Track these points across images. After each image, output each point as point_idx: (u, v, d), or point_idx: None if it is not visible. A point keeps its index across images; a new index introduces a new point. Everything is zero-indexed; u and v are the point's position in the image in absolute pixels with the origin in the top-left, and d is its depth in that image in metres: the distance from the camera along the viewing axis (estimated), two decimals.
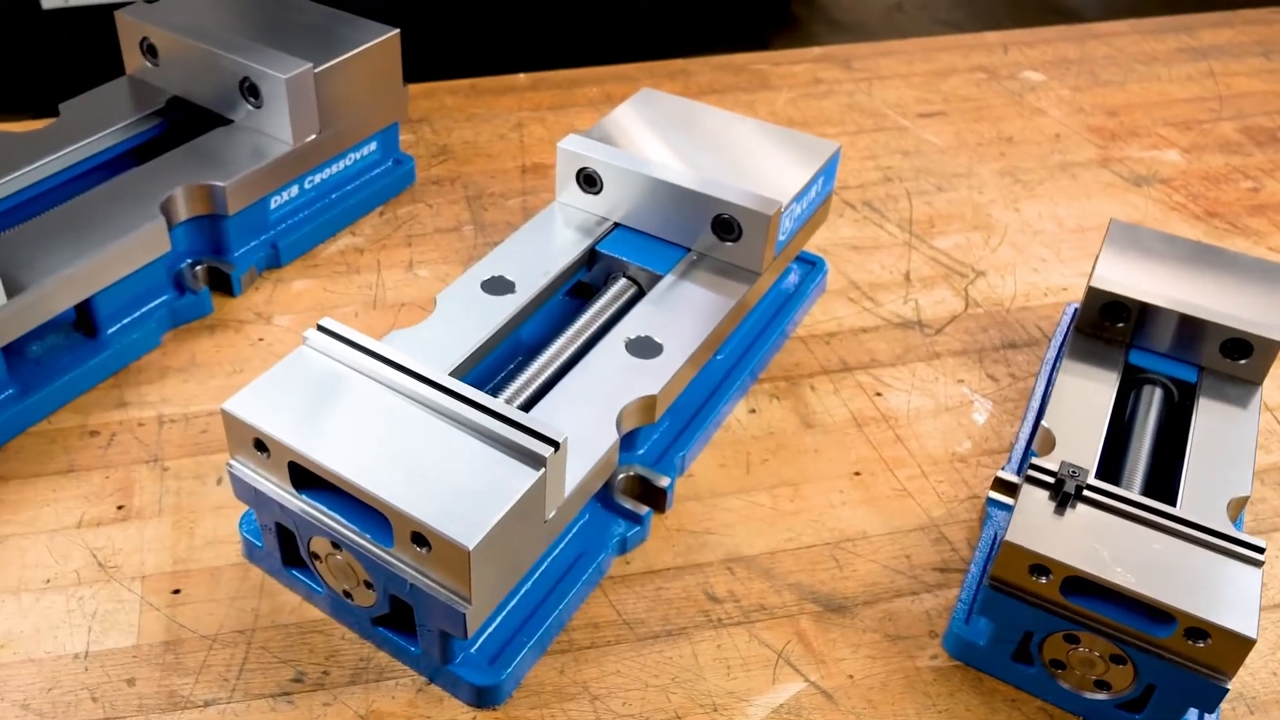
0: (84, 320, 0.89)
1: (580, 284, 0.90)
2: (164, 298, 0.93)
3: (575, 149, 0.88)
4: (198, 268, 0.95)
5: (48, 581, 0.74)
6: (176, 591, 0.73)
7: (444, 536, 0.60)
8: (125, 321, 0.90)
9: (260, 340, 0.92)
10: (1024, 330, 0.95)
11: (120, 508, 0.79)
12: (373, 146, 1.06)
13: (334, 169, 1.03)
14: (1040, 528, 0.66)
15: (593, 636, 0.72)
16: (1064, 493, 0.68)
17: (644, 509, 0.77)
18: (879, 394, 0.89)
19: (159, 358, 0.91)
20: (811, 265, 0.98)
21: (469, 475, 0.63)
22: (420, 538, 0.61)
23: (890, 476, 0.83)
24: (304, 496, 0.67)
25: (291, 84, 0.94)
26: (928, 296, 0.99)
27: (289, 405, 0.67)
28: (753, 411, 0.87)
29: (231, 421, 0.67)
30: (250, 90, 0.96)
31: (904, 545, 0.78)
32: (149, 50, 1.02)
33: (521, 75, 1.25)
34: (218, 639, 0.71)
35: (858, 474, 0.83)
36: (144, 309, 0.91)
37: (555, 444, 0.64)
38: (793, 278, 0.97)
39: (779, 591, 0.75)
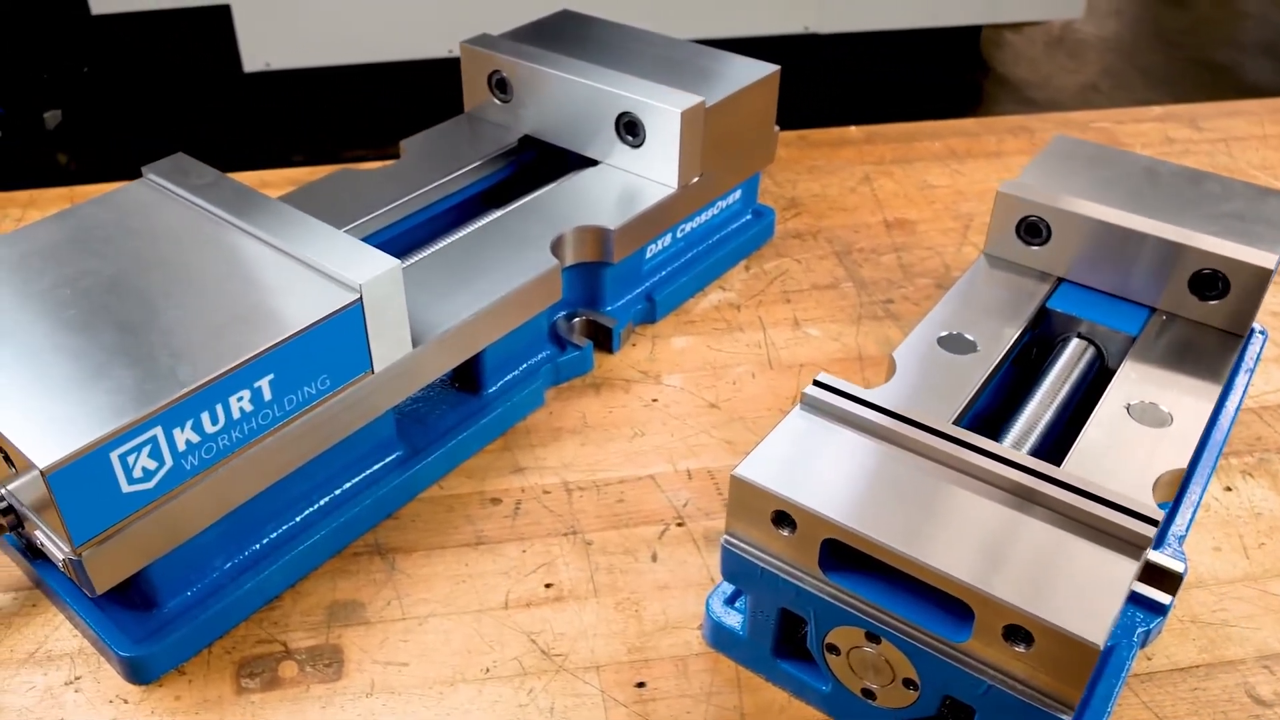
0: (465, 375, 0.81)
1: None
2: (545, 352, 0.84)
3: (1021, 195, 0.79)
4: (575, 320, 0.86)
5: (487, 671, 0.65)
6: (641, 685, 0.64)
7: (1064, 632, 0.50)
8: (508, 377, 0.82)
9: (654, 401, 0.83)
10: None
11: (549, 586, 0.70)
12: (737, 195, 0.97)
13: (702, 218, 0.94)
14: None
15: None
16: None
17: (1167, 597, 0.67)
18: None
19: (546, 418, 0.82)
20: (1251, 330, 0.88)
21: (1063, 560, 0.54)
22: (1019, 632, 0.52)
23: None
24: (833, 579, 0.57)
25: (685, 120, 0.85)
26: None
27: (811, 472, 0.59)
28: (1229, 489, 0.77)
29: (747, 490, 0.58)
30: (629, 127, 0.88)
31: None
32: (498, 85, 0.94)
33: (853, 128, 1.17)
34: None
35: None
36: (526, 364, 0.83)
37: (1155, 523, 0.55)
38: None
39: None
